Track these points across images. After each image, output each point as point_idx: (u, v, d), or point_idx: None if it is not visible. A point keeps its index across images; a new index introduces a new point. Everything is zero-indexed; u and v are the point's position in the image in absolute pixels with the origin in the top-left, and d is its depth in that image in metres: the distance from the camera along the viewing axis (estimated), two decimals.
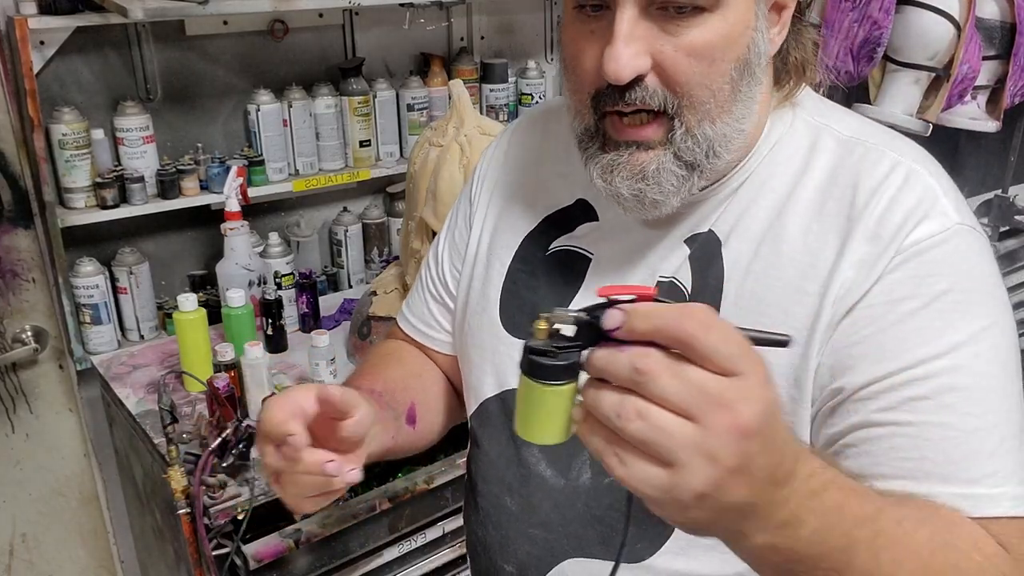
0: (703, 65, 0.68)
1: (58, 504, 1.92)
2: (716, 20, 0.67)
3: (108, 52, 1.78)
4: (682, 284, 0.78)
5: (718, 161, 0.72)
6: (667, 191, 0.72)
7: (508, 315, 0.87)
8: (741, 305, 0.75)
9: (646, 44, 0.67)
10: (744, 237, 0.76)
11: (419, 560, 1.58)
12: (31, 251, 1.74)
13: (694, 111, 0.70)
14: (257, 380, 1.48)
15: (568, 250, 0.85)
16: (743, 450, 0.48)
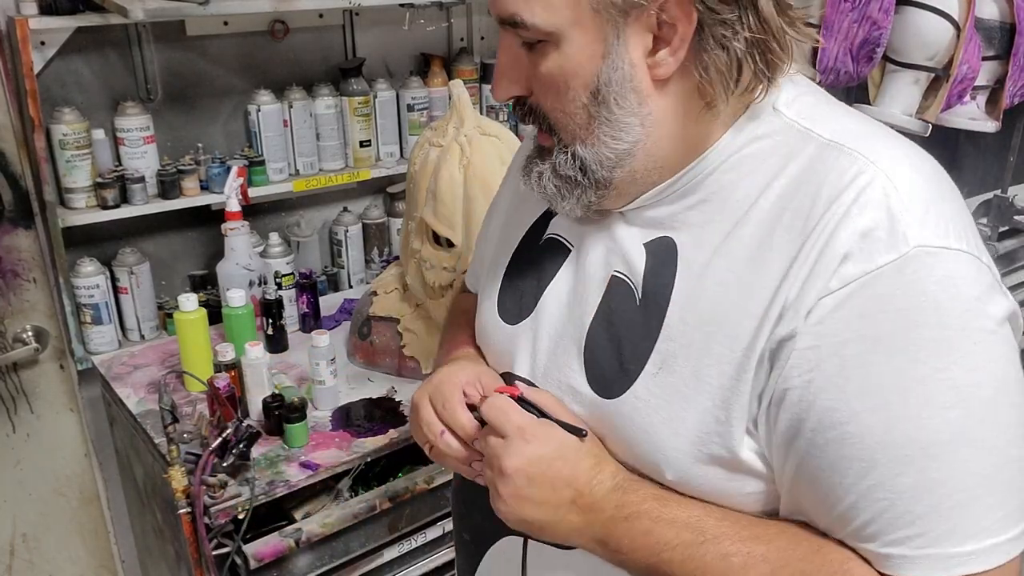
0: (553, 95, 0.73)
1: (59, 504, 1.92)
2: (555, 54, 0.70)
3: (109, 52, 1.78)
4: (633, 285, 0.78)
5: (600, 176, 0.75)
6: (552, 196, 0.78)
7: (502, 304, 0.91)
8: (687, 319, 0.73)
9: (519, 72, 0.74)
10: (700, 246, 0.74)
11: (419, 560, 1.58)
12: (32, 251, 1.74)
13: (563, 131, 0.75)
14: (257, 380, 1.48)
15: (556, 239, 0.88)
16: (511, 484, 0.76)
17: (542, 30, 0.69)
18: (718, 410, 0.70)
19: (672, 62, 0.70)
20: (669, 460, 0.74)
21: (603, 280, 0.80)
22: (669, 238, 0.77)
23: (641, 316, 0.76)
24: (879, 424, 0.64)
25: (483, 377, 0.89)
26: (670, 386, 0.73)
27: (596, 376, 0.79)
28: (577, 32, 0.69)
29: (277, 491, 1.39)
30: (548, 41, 0.70)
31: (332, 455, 1.47)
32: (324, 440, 1.51)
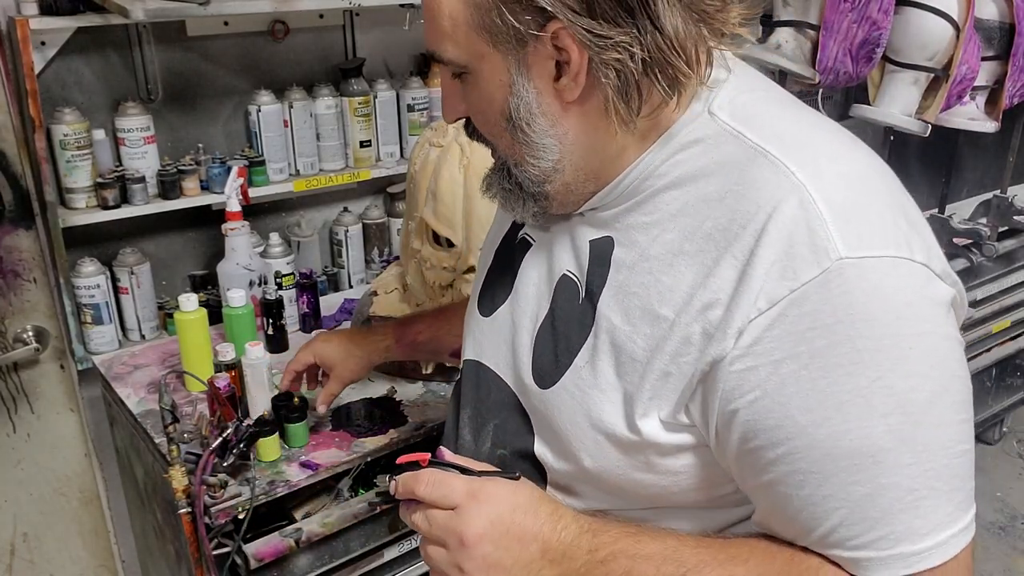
0: (479, 118, 0.79)
1: (59, 504, 1.92)
2: (471, 83, 0.76)
3: (109, 52, 1.78)
4: (578, 280, 0.82)
5: (536, 189, 0.79)
6: (503, 205, 0.83)
7: (480, 298, 0.97)
8: (611, 318, 0.77)
9: (458, 97, 0.79)
10: (630, 247, 0.77)
11: (419, 560, 1.58)
12: (32, 251, 1.74)
13: (498, 151, 0.81)
14: (258, 380, 1.48)
15: (524, 238, 0.92)
16: (479, 554, 0.72)
17: (457, 64, 0.74)
18: (627, 405, 0.75)
19: (574, 87, 0.72)
20: (587, 448, 0.79)
21: (555, 278, 0.84)
22: (609, 237, 0.80)
23: (580, 312, 0.80)
24: (825, 437, 0.66)
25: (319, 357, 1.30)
26: (592, 379, 0.78)
27: (538, 367, 0.84)
28: (485, 65, 0.73)
29: (277, 491, 1.39)
30: (467, 73, 0.75)
31: (332, 455, 1.47)
32: (324, 440, 1.51)
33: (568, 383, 0.80)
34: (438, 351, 1.31)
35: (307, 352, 1.34)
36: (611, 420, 0.76)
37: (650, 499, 0.80)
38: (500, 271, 0.95)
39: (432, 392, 1.67)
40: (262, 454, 1.43)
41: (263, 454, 1.43)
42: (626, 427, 0.75)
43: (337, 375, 1.32)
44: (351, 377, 1.34)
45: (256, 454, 1.41)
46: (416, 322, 1.33)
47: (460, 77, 0.76)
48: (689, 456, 0.76)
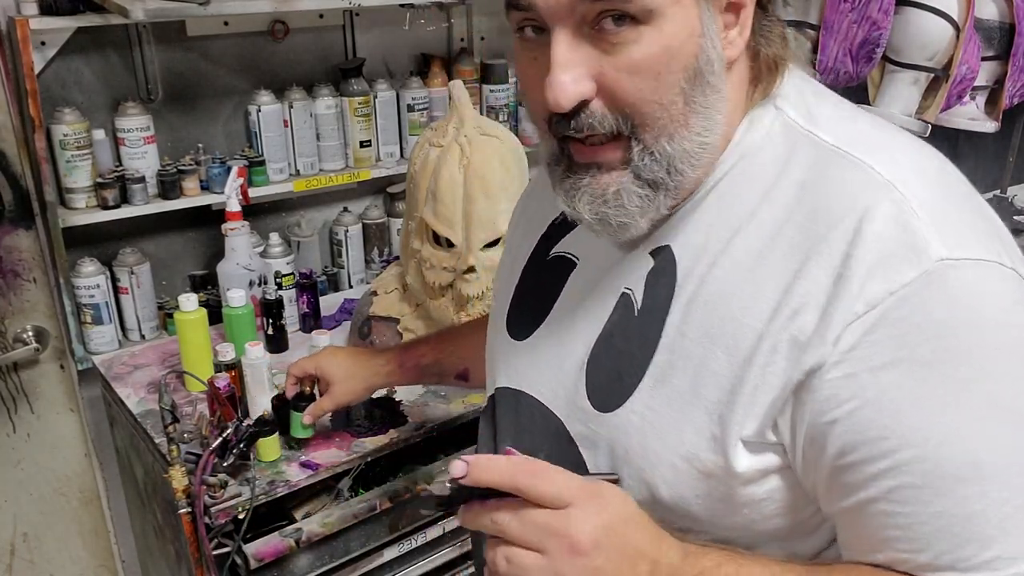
0: (648, 81, 0.64)
1: (59, 504, 1.92)
2: (653, 33, 0.63)
3: (109, 52, 1.78)
4: (634, 296, 0.75)
5: (682, 178, 0.69)
6: (632, 212, 0.69)
7: (511, 319, 0.89)
8: (684, 332, 0.70)
9: (586, 67, 0.65)
10: (700, 256, 0.71)
11: (419, 559, 1.58)
12: (32, 251, 1.74)
13: (648, 129, 0.66)
14: (258, 380, 1.48)
15: (562, 256, 0.85)
16: (584, 565, 0.61)
17: (645, 6, 0.62)
18: (713, 425, 0.67)
19: (740, 42, 0.67)
20: (664, 475, 0.71)
21: (612, 295, 0.77)
22: (668, 247, 0.73)
23: (639, 327, 0.73)
24: (934, 449, 0.61)
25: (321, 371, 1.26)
26: (667, 399, 0.70)
27: (596, 389, 0.76)
28: (677, 9, 0.63)
29: (277, 491, 1.39)
30: (640, 22, 0.63)
31: (332, 455, 1.47)
32: (324, 440, 1.51)
33: (637, 405, 0.72)
34: (443, 374, 1.25)
35: (311, 362, 1.30)
36: (692, 443, 0.69)
37: (727, 529, 0.72)
38: (533, 292, 0.87)
39: (432, 392, 1.67)
40: (262, 454, 1.43)
41: (263, 454, 1.43)
42: (710, 450, 0.68)
43: (333, 394, 1.28)
44: (347, 399, 1.29)
45: (256, 454, 1.41)
46: (419, 345, 1.28)
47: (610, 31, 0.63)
48: (775, 479, 0.69)
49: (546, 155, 0.73)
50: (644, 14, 0.62)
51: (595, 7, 0.62)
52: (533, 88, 0.69)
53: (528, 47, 0.68)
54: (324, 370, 1.28)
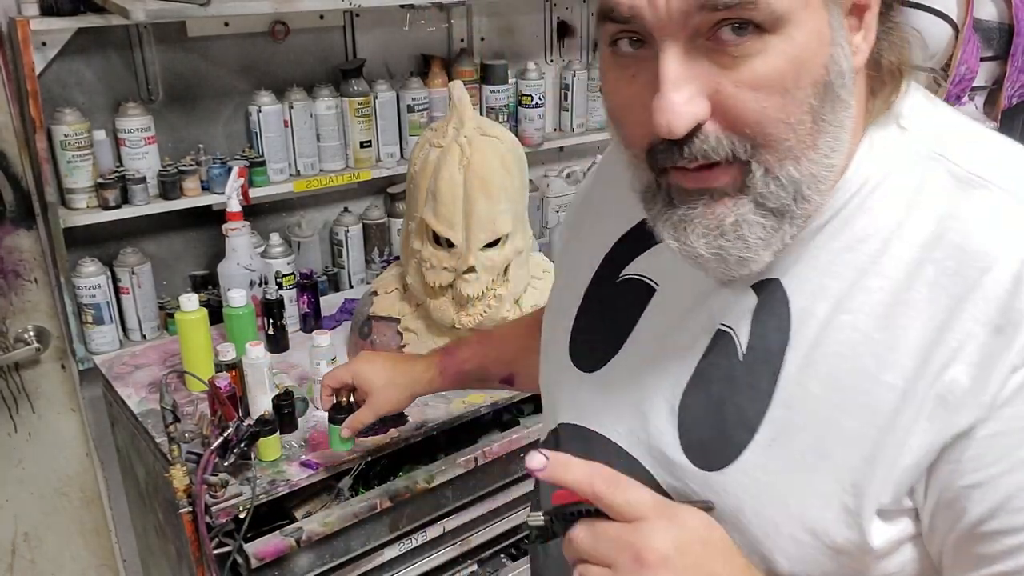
0: (773, 98, 0.55)
1: (60, 503, 1.93)
2: (781, 43, 0.54)
3: (110, 53, 1.78)
4: (737, 337, 0.66)
5: (808, 205, 0.59)
6: (753, 246, 0.60)
7: (575, 347, 0.80)
8: (806, 384, 0.61)
9: (701, 85, 0.56)
10: (818, 296, 0.62)
11: (419, 559, 1.59)
12: (33, 251, 1.74)
13: (773, 150, 0.57)
14: (258, 380, 1.49)
15: (635, 279, 0.76)
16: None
17: (773, 12, 0.53)
18: (846, 494, 0.59)
19: (865, 49, 0.59)
20: (784, 548, 0.62)
21: (701, 331, 0.68)
22: (776, 281, 0.64)
23: (747, 374, 0.64)
24: None
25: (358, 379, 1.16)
26: (786, 461, 0.62)
27: (693, 443, 0.67)
28: (807, 14, 0.55)
29: (278, 490, 1.40)
30: (765, 31, 0.54)
31: (333, 455, 1.47)
32: (325, 439, 1.51)
33: (750, 466, 0.63)
34: (486, 379, 1.17)
35: (346, 371, 1.21)
36: (819, 514, 0.60)
37: None
38: (602, 318, 0.78)
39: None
40: (263, 454, 1.43)
41: (264, 454, 1.43)
42: (843, 523, 0.60)
43: (373, 404, 1.18)
44: (388, 408, 1.19)
45: (257, 453, 1.42)
46: (460, 350, 1.19)
47: (731, 43, 0.54)
48: (908, 550, 0.61)
49: (640, 187, 0.64)
50: (771, 22, 0.54)
51: (714, 16, 0.53)
52: (630, 110, 0.60)
53: (624, 63, 0.59)
54: (361, 378, 1.19)
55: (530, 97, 2.30)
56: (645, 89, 0.57)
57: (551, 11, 2.39)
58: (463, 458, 1.53)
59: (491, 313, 1.62)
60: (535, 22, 2.38)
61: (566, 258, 0.88)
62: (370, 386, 1.18)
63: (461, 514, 1.60)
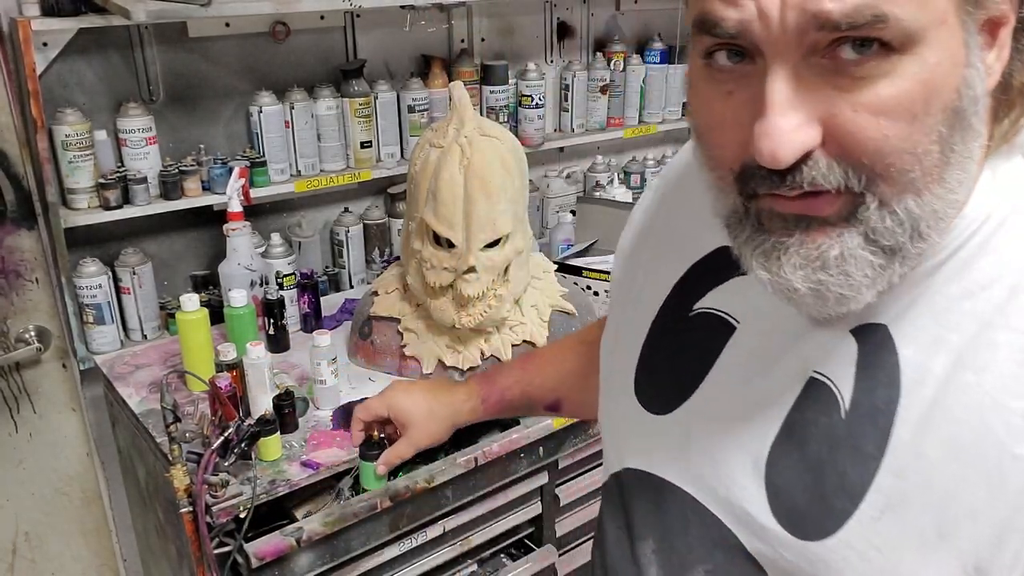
0: (899, 126, 0.48)
1: (61, 503, 1.93)
2: (911, 64, 0.48)
3: (111, 54, 1.79)
4: (837, 389, 0.58)
5: (925, 245, 0.52)
6: (857, 284, 0.52)
7: (641, 385, 0.73)
8: (924, 451, 0.54)
9: (812, 108, 0.49)
10: (934, 348, 0.55)
11: (419, 558, 1.59)
12: (34, 251, 1.75)
13: (892, 183, 0.50)
14: (259, 380, 1.49)
15: (712, 313, 0.68)
16: None
17: (905, 30, 0.47)
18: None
19: (998, 68, 0.52)
20: None
21: (791, 377, 0.61)
22: (883, 328, 0.57)
23: (850, 434, 0.57)
24: None
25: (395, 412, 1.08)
26: (899, 537, 0.55)
27: (785, 506, 0.60)
28: (943, 33, 0.48)
29: (278, 490, 1.40)
30: (893, 50, 0.47)
31: (333, 454, 1.47)
32: (325, 439, 1.51)
33: (855, 538, 0.56)
34: (531, 407, 1.10)
35: (380, 403, 1.13)
36: None
37: None
38: (673, 356, 0.71)
39: None
40: (263, 453, 1.43)
41: (264, 453, 1.43)
42: None
43: (412, 438, 1.11)
44: (428, 442, 1.12)
45: (257, 453, 1.42)
46: (501, 376, 1.11)
47: (865, 59, 0.48)
48: None
49: (724, 212, 0.57)
50: (902, 40, 0.47)
51: (834, 34, 0.47)
52: (722, 130, 0.54)
53: (719, 77, 0.53)
54: (399, 410, 1.12)
55: (530, 98, 2.30)
56: (743, 108, 0.51)
57: (551, 12, 2.40)
58: (463, 458, 1.53)
59: (491, 313, 1.62)
60: (535, 23, 2.38)
61: (625, 286, 0.80)
62: (408, 418, 1.11)
63: (461, 514, 1.60)
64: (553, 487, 1.75)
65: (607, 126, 2.50)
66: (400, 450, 1.13)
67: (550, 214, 2.48)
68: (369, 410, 1.13)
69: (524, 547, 1.78)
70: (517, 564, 1.73)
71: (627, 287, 0.79)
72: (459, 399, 1.10)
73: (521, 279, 1.68)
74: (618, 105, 2.49)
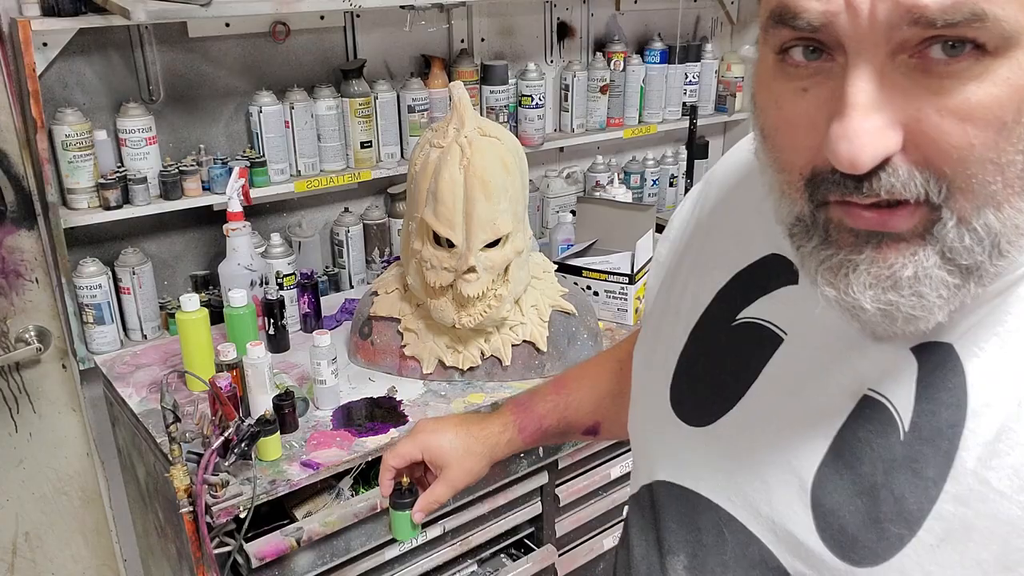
0: (987, 133, 0.45)
1: (61, 503, 1.93)
2: (1005, 68, 0.45)
3: (111, 54, 1.79)
4: (895, 409, 0.55)
5: (1004, 262, 0.49)
6: (931, 305, 0.50)
7: (678, 395, 0.70)
8: (987, 478, 0.51)
9: (895, 111, 0.46)
10: (1004, 371, 0.52)
11: (419, 559, 1.59)
12: (34, 252, 1.75)
13: (972, 196, 0.47)
14: (259, 380, 1.49)
15: (758, 323, 0.65)
16: None
17: (1004, 32, 0.44)
18: None
19: None
20: None
21: (844, 394, 0.58)
22: (948, 346, 0.54)
23: (909, 457, 0.54)
24: None
25: (430, 454, 0.99)
26: (959, 568, 0.52)
27: (833, 530, 0.57)
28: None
29: (278, 490, 1.40)
30: (986, 52, 0.45)
31: (333, 454, 1.47)
32: (325, 439, 1.51)
33: (911, 566, 0.53)
34: (569, 433, 1.05)
35: (412, 446, 1.02)
36: None
37: None
38: (715, 366, 0.68)
39: (432, 392, 1.68)
40: (263, 453, 1.43)
41: (264, 453, 1.43)
42: None
43: (450, 478, 1.01)
44: (467, 481, 1.02)
45: (257, 453, 1.42)
46: (536, 403, 1.04)
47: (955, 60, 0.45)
48: None
49: (789, 219, 0.54)
50: (998, 42, 0.44)
51: (926, 32, 0.44)
52: (793, 130, 0.51)
53: (794, 74, 0.50)
54: (433, 453, 1.02)
55: (530, 98, 2.30)
56: (819, 107, 0.48)
57: (551, 12, 2.40)
58: None
59: (491, 313, 1.62)
60: (535, 23, 2.38)
61: (663, 296, 0.77)
62: (445, 459, 1.01)
63: (461, 514, 1.61)
64: (553, 487, 1.75)
65: (607, 126, 2.50)
66: (438, 494, 1.01)
67: (550, 214, 2.48)
68: (401, 456, 1.02)
69: (524, 547, 1.78)
70: (517, 564, 1.73)
71: (664, 297, 0.76)
72: (494, 431, 1.03)
73: (521, 279, 1.69)
74: (618, 105, 2.50)
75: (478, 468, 1.02)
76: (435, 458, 1.01)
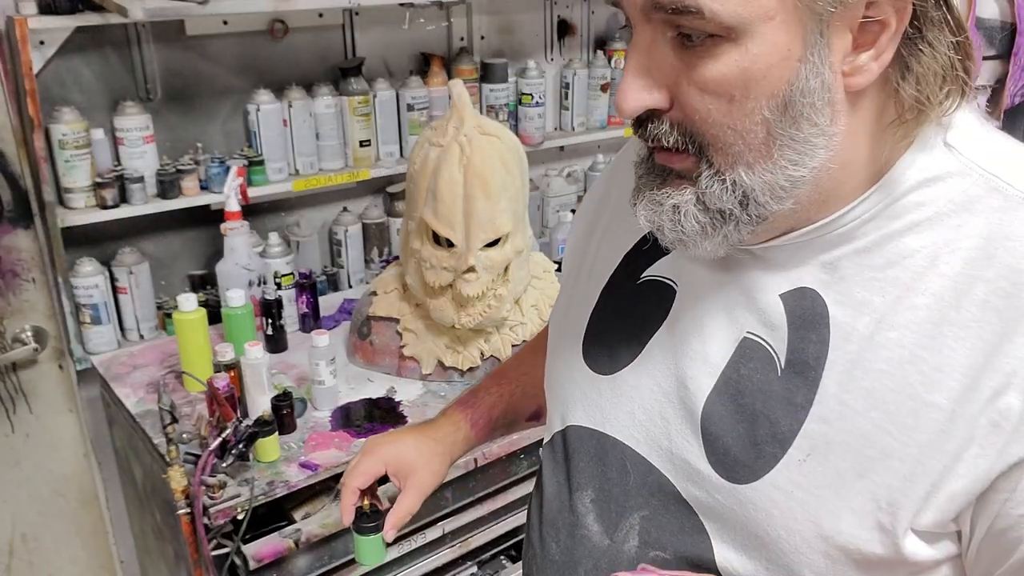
0: (719, 103, 0.57)
1: (58, 504, 1.92)
2: (735, 52, 0.55)
3: (108, 52, 1.78)
4: (772, 349, 0.65)
5: (764, 211, 0.60)
6: (689, 234, 0.61)
7: (589, 348, 0.79)
8: (847, 400, 0.61)
9: (661, 76, 0.58)
10: (860, 310, 0.61)
11: (419, 560, 1.58)
12: (31, 251, 1.74)
13: (722, 153, 0.59)
14: (257, 380, 1.48)
15: (655, 280, 0.75)
16: None
17: (722, 23, 0.54)
18: (881, 513, 0.59)
19: (875, 68, 0.57)
20: (814, 564, 0.62)
21: (729, 340, 0.67)
22: (814, 292, 0.63)
23: (783, 388, 0.64)
24: None
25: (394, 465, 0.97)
26: (821, 478, 0.61)
27: (720, 455, 0.66)
28: (769, 28, 0.54)
29: (276, 491, 1.39)
30: (722, 37, 0.55)
31: (332, 455, 1.47)
32: (324, 440, 1.50)
33: (781, 480, 0.63)
34: (515, 420, 1.09)
35: (373, 460, 1.00)
36: (853, 532, 0.60)
37: None
38: (621, 320, 0.76)
39: (432, 392, 1.67)
40: (261, 454, 1.42)
41: (262, 454, 1.42)
42: (876, 542, 0.60)
43: (418, 486, 0.99)
44: (434, 483, 1.02)
45: (255, 454, 1.41)
46: (483, 396, 1.07)
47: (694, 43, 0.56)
48: (945, 570, 0.62)
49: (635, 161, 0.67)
50: (724, 31, 0.55)
51: (671, 18, 0.56)
52: None
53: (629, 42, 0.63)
54: (398, 463, 1.01)
55: (530, 96, 2.29)
56: None
57: (551, 9, 2.39)
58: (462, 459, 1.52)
59: (491, 313, 1.61)
60: (535, 20, 2.37)
61: (577, 261, 0.86)
62: (409, 468, 1.00)
63: (461, 515, 1.60)
64: None
65: (608, 124, 2.49)
66: (407, 504, 0.99)
67: (550, 213, 2.47)
68: (364, 474, 0.99)
69: None
70: (517, 566, 1.72)
71: (579, 261, 0.85)
72: (449, 431, 1.04)
73: (521, 279, 1.68)
74: None
75: (443, 469, 1.03)
76: (400, 467, 1.00)
